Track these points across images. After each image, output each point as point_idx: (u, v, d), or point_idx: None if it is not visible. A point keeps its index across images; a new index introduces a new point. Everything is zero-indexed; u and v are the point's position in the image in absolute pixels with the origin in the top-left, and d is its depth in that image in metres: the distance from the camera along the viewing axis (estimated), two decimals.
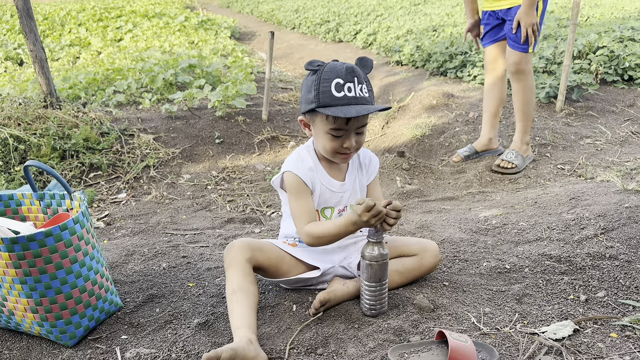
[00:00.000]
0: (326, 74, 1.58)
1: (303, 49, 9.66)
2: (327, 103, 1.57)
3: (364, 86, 1.60)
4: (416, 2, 13.10)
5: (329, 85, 1.56)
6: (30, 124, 3.76)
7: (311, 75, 1.63)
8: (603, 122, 4.22)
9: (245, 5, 19.44)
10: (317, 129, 1.68)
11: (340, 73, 1.57)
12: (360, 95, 1.58)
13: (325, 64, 1.61)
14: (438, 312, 1.64)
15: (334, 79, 1.56)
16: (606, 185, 2.64)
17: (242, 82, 4.98)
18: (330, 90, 1.56)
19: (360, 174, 1.85)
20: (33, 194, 1.85)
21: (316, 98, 1.58)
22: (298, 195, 1.72)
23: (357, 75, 1.58)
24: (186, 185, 3.60)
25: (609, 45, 5.11)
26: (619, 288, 1.68)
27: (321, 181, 1.76)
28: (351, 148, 1.66)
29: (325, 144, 1.67)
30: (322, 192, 1.76)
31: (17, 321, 1.67)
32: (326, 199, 1.78)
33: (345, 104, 1.56)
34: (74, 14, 14.95)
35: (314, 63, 1.62)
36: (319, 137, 1.69)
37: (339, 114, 1.53)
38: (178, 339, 1.62)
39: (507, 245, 2.11)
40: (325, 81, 1.57)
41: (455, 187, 3.27)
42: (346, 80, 1.56)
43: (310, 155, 1.78)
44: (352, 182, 1.83)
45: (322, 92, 1.57)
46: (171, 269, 2.12)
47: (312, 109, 1.61)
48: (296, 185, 1.71)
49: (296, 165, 1.74)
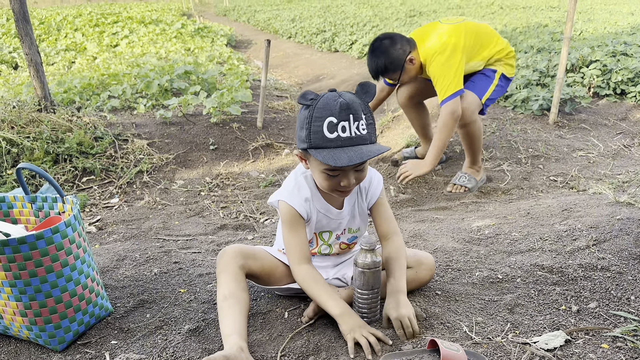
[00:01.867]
0: (318, 111, 1.44)
1: (299, 58, 9.70)
2: (318, 145, 1.45)
3: (361, 122, 1.45)
4: (412, 13, 13.21)
5: (321, 126, 1.43)
6: (23, 127, 3.74)
7: (304, 109, 1.50)
8: (595, 135, 4.26)
9: (242, 14, 19.52)
10: (313, 167, 1.59)
11: (334, 111, 1.42)
12: (357, 134, 1.44)
13: (319, 98, 1.47)
14: (430, 321, 1.63)
15: (326, 117, 1.43)
16: (598, 198, 2.66)
17: (238, 89, 4.98)
18: (322, 131, 1.43)
19: (360, 199, 1.76)
20: (25, 197, 1.84)
21: (308, 138, 1.46)
22: (291, 228, 1.66)
23: (354, 112, 1.44)
24: (179, 191, 3.59)
25: (601, 59, 5.17)
26: (610, 299, 1.68)
27: (318, 209, 1.70)
28: (349, 186, 1.55)
29: (322, 183, 1.58)
30: (319, 218, 1.72)
31: (5, 325, 1.65)
32: (323, 224, 1.74)
33: (339, 146, 1.44)
34: (70, 19, 14.95)
35: (307, 96, 1.48)
36: (315, 175, 1.60)
37: (329, 160, 1.41)
38: (168, 345, 1.61)
39: (499, 255, 2.12)
40: (317, 120, 1.44)
41: (449, 197, 3.28)
42: (340, 119, 1.42)
43: (307, 183, 1.69)
44: (351, 207, 1.76)
45: (313, 132, 1.45)
46: (163, 275, 2.10)
47: (305, 148, 1.51)
48: (290, 217, 1.65)
49: (292, 195, 1.66)
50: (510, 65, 3.23)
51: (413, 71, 3.09)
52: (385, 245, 1.74)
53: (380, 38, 3.03)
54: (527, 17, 10.45)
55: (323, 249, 1.80)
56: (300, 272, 1.64)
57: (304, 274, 1.64)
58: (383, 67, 3.00)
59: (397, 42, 2.99)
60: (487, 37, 3.13)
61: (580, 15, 10.38)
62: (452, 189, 3.33)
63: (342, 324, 1.54)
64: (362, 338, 1.49)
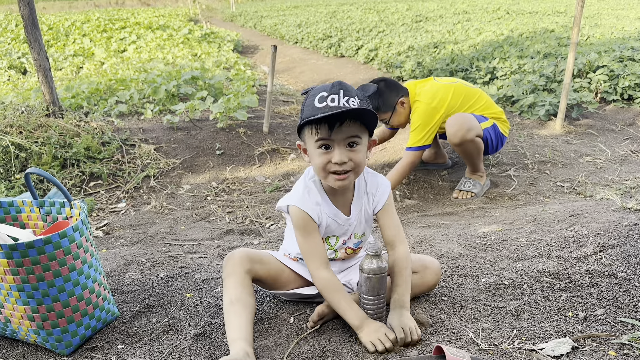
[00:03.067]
0: (313, 91, 1.56)
1: (305, 63, 9.72)
2: (309, 115, 1.52)
3: (352, 99, 1.50)
4: (418, 19, 13.23)
5: (313, 100, 1.53)
6: (32, 132, 3.77)
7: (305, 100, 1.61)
8: (603, 140, 4.24)
9: (249, 20, 19.61)
10: (309, 149, 1.62)
11: (326, 87, 1.53)
12: (346, 105, 1.48)
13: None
14: (436, 327, 1.63)
15: (318, 93, 1.53)
16: (605, 203, 2.64)
17: (244, 94, 5.00)
18: (313, 103, 1.52)
19: (366, 203, 1.77)
20: (33, 202, 1.86)
21: (301, 114, 1.57)
22: (306, 233, 1.67)
23: (345, 89, 1.52)
24: (186, 196, 3.60)
25: (609, 64, 5.15)
26: (617, 306, 1.67)
27: (327, 214, 1.70)
28: (340, 162, 1.54)
29: (317, 161, 1.58)
30: (328, 223, 1.72)
31: (13, 329, 1.66)
32: (332, 229, 1.74)
33: (327, 112, 1.49)
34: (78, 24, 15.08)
35: (308, 89, 1.62)
36: (312, 157, 1.61)
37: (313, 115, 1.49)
38: (174, 350, 1.61)
39: (506, 261, 2.11)
40: (310, 97, 1.55)
41: (455, 202, 3.27)
42: (330, 92, 1.51)
43: (316, 187, 1.71)
44: (358, 212, 1.76)
45: (306, 106, 1.55)
46: (169, 279, 2.11)
47: (299, 126, 1.59)
48: (303, 222, 1.66)
49: (303, 199, 1.67)
50: (503, 122, 3.33)
51: (403, 115, 3.33)
52: (390, 253, 1.74)
53: (376, 81, 3.30)
54: (533, 23, 10.43)
55: (329, 253, 1.80)
56: (321, 278, 1.65)
57: (325, 282, 1.64)
58: (375, 107, 3.23)
59: (391, 86, 3.27)
60: (475, 99, 3.28)
61: (587, 21, 10.35)
62: (459, 195, 3.32)
63: (362, 335, 1.55)
64: (380, 345, 1.51)
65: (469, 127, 3.06)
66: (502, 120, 3.33)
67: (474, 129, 3.08)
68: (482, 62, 6.35)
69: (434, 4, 18.26)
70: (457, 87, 3.26)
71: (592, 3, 14.94)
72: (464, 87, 3.29)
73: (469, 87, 3.33)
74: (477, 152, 3.19)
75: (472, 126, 3.07)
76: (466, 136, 3.05)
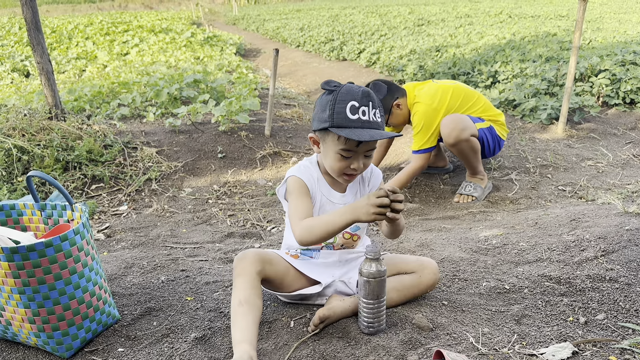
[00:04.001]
0: (342, 95, 1.59)
1: (307, 66, 9.74)
2: (341, 124, 1.58)
3: (377, 111, 1.62)
4: (420, 22, 13.25)
5: (344, 107, 1.58)
6: (34, 135, 3.79)
7: (327, 94, 1.64)
8: (604, 144, 4.24)
9: (251, 23, 19.65)
10: (327, 148, 1.69)
11: (357, 96, 1.59)
12: (374, 119, 1.60)
13: (342, 86, 1.63)
14: (436, 332, 1.63)
15: (349, 101, 1.58)
16: (607, 208, 2.64)
17: (246, 97, 5.01)
18: (345, 112, 1.58)
19: (362, 187, 1.86)
20: (35, 205, 1.86)
21: (330, 118, 1.60)
22: (298, 195, 1.73)
23: (372, 100, 1.60)
24: (187, 199, 3.61)
25: (611, 68, 5.15)
26: (618, 311, 1.67)
27: (322, 192, 1.79)
28: (358, 169, 1.68)
29: (333, 164, 1.69)
30: (323, 203, 1.78)
31: (14, 331, 1.66)
32: (325, 211, 1.79)
33: (359, 126, 1.58)
34: (81, 27, 15.14)
35: (331, 83, 1.64)
36: (328, 155, 1.70)
37: (353, 136, 1.54)
38: (174, 353, 1.61)
39: (507, 265, 2.11)
40: (341, 102, 1.59)
41: (456, 206, 3.27)
42: (361, 104, 1.58)
43: (313, 167, 1.81)
44: (354, 195, 1.84)
45: (337, 112, 1.59)
46: (170, 283, 2.11)
47: (325, 127, 1.62)
48: (298, 187, 1.74)
49: (300, 171, 1.78)
50: (501, 124, 3.33)
51: (400, 117, 3.34)
52: None
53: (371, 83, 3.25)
54: (535, 26, 10.44)
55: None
56: (302, 223, 1.65)
57: (305, 222, 1.64)
58: None
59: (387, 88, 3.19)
60: (474, 101, 3.28)
61: (589, 25, 10.35)
62: (460, 199, 3.32)
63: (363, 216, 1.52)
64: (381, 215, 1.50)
65: (463, 126, 3.07)
66: (499, 123, 3.33)
67: (468, 129, 3.09)
68: (484, 65, 6.36)
69: (436, 7, 18.28)
70: (456, 88, 3.27)
71: (595, 7, 14.94)
72: (462, 89, 3.30)
73: (468, 89, 3.34)
74: (473, 152, 3.19)
75: (466, 126, 3.08)
76: (460, 136, 3.05)
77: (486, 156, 3.35)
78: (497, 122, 3.32)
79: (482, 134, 3.20)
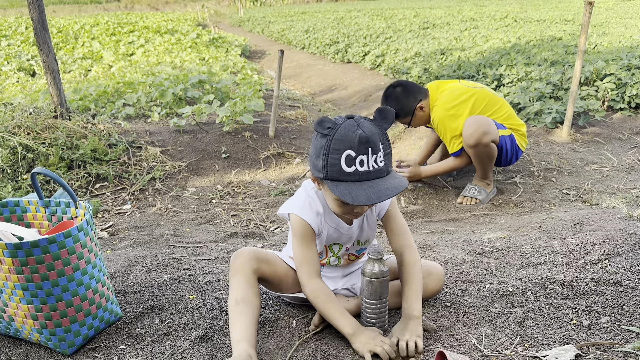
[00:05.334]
0: (336, 142, 1.42)
1: (312, 68, 9.75)
2: (335, 177, 1.44)
3: (379, 155, 1.44)
4: (425, 26, 13.25)
5: (339, 159, 1.42)
6: (39, 134, 3.80)
7: (320, 137, 1.46)
8: (609, 148, 4.22)
9: (257, 25, 19.70)
10: (327, 193, 1.58)
11: (353, 144, 1.40)
12: (375, 167, 1.43)
13: (337, 127, 1.43)
14: (439, 333, 1.63)
15: (344, 150, 1.41)
16: (611, 212, 2.63)
17: (251, 98, 5.02)
18: (340, 164, 1.42)
19: (369, 212, 1.75)
20: (39, 201, 1.87)
21: (324, 170, 1.45)
22: (303, 242, 1.65)
23: (372, 145, 1.42)
24: (191, 199, 3.61)
25: (616, 72, 5.13)
26: (622, 314, 1.66)
27: (329, 224, 1.70)
28: (362, 212, 1.59)
29: (335, 208, 1.59)
30: (330, 232, 1.72)
31: (16, 327, 1.66)
32: (334, 238, 1.74)
33: (356, 180, 1.43)
34: (87, 28, 15.21)
35: (324, 125, 1.45)
36: (328, 200, 1.60)
37: (347, 198, 1.40)
38: (176, 351, 1.61)
39: (510, 268, 2.10)
40: (334, 152, 1.42)
41: (460, 208, 3.26)
42: (359, 153, 1.41)
43: (319, 199, 1.68)
44: (360, 222, 1.75)
45: (330, 164, 1.43)
46: (172, 281, 2.11)
47: (321, 178, 1.50)
48: (302, 230, 1.64)
49: (303, 209, 1.65)
50: (521, 135, 3.29)
51: (423, 119, 3.34)
52: (399, 261, 1.71)
53: (393, 85, 3.29)
54: (541, 30, 10.42)
55: (332, 260, 1.80)
56: (311, 287, 1.62)
57: (315, 291, 1.62)
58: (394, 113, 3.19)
59: (408, 90, 3.25)
60: (497, 107, 3.24)
61: (594, 29, 10.33)
62: (463, 201, 3.31)
63: (356, 342, 1.53)
64: (379, 347, 1.48)
65: (486, 130, 3.00)
66: (520, 133, 3.27)
67: (491, 134, 3.02)
68: (489, 69, 6.35)
69: (442, 11, 18.28)
70: (481, 92, 3.20)
71: (600, 12, 14.91)
72: (487, 93, 3.23)
73: (493, 95, 3.27)
74: (489, 158, 3.15)
75: (490, 130, 3.02)
76: (482, 139, 3.00)
77: (502, 164, 3.29)
78: (518, 132, 3.26)
79: (502, 142, 3.13)
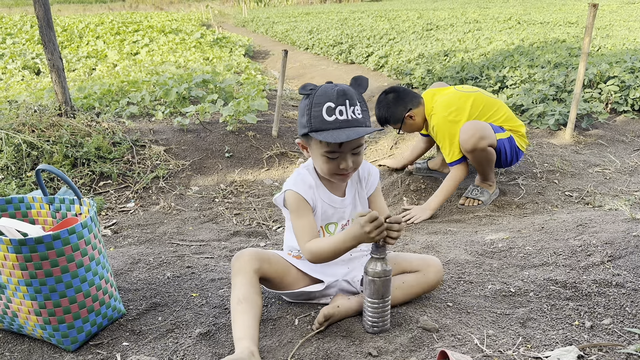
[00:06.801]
0: (318, 98, 1.59)
1: (315, 69, 9.76)
2: (318, 127, 1.59)
3: (357, 107, 1.60)
4: (428, 27, 13.24)
5: (320, 110, 1.58)
6: (44, 131, 3.81)
7: (305, 99, 1.64)
8: (612, 151, 4.22)
9: (260, 25, 19.72)
10: (313, 152, 1.70)
11: (332, 97, 1.57)
12: (353, 117, 1.59)
13: (318, 88, 1.62)
14: (441, 333, 1.63)
15: (325, 102, 1.57)
16: (614, 214, 2.62)
17: (254, 98, 5.03)
18: (322, 115, 1.58)
19: (360, 188, 1.86)
20: (43, 198, 1.88)
21: (308, 123, 1.60)
22: (299, 213, 1.73)
23: (349, 98, 1.58)
24: (194, 197, 3.62)
25: (620, 75, 5.13)
26: (624, 316, 1.66)
27: (322, 198, 1.78)
28: (348, 169, 1.67)
29: (322, 166, 1.70)
30: (325, 209, 1.78)
31: (20, 323, 1.67)
32: (329, 215, 1.80)
33: (337, 127, 1.57)
34: (92, 27, 15.25)
35: (307, 87, 1.64)
36: (316, 159, 1.71)
37: (329, 139, 1.55)
38: (179, 348, 1.62)
39: (512, 268, 2.10)
40: (316, 105, 1.59)
41: (462, 209, 3.26)
42: (337, 104, 1.57)
43: (310, 174, 1.79)
44: (353, 196, 1.84)
45: (314, 116, 1.59)
46: (175, 279, 2.12)
47: (306, 133, 1.63)
48: (297, 203, 1.73)
49: (296, 183, 1.75)
50: (521, 136, 3.28)
51: (414, 127, 3.35)
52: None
53: (387, 91, 3.32)
54: (544, 33, 10.41)
55: None
56: (310, 246, 1.67)
57: (314, 246, 1.66)
58: (384, 119, 3.30)
59: (400, 98, 3.27)
60: (495, 110, 3.23)
61: (598, 32, 10.31)
62: (465, 202, 3.31)
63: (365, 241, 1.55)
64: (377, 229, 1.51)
65: (482, 135, 3.00)
66: (520, 134, 3.27)
67: (488, 138, 3.02)
68: (492, 70, 6.35)
69: (445, 12, 18.28)
70: (477, 97, 3.20)
71: (604, 14, 14.88)
72: (484, 97, 3.23)
73: (489, 98, 3.26)
74: (487, 162, 3.15)
75: (486, 135, 3.01)
76: (478, 144, 3.00)
77: (502, 166, 3.29)
78: (518, 133, 3.26)
79: (500, 145, 3.12)
